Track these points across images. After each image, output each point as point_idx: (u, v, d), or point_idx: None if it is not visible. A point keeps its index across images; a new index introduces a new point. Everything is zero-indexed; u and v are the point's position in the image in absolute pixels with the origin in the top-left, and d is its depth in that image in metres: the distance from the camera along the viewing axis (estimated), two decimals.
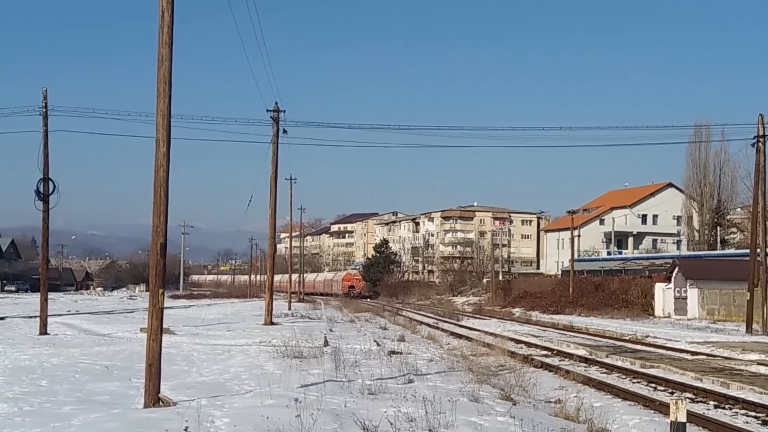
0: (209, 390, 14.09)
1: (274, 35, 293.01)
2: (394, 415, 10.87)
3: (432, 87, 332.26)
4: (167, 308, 15.43)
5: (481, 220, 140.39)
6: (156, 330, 12.54)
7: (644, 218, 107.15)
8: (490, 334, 34.05)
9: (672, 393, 16.77)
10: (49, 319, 30.74)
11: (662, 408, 13.72)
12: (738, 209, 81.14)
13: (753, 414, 14.11)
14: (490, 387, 15.33)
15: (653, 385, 18.27)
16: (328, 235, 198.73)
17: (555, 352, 26.77)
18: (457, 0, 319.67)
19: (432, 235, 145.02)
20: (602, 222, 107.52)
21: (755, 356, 24.42)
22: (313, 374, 16.35)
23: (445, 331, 37.48)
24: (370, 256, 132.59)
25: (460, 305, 79.49)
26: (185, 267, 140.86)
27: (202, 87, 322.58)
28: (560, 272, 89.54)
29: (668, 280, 54.44)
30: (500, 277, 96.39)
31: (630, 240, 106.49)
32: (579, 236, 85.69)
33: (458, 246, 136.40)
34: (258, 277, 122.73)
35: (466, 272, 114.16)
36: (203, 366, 18.72)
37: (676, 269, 54.17)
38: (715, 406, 15.07)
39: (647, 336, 33.92)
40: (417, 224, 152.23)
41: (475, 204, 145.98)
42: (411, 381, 15.66)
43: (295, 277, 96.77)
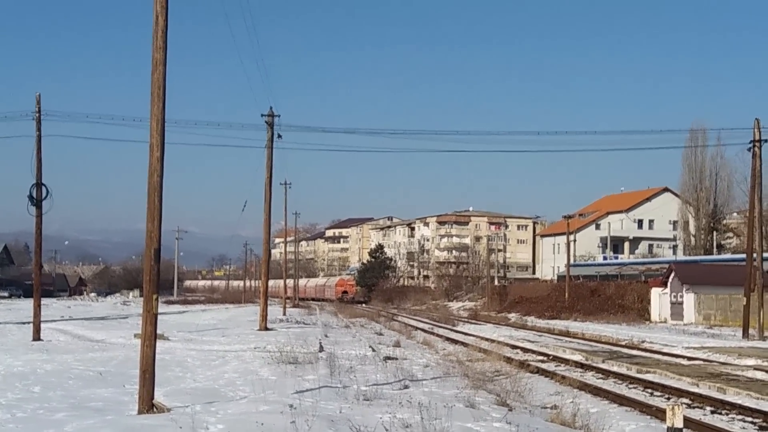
0: (204, 396, 14.07)
1: (269, 39, 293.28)
2: (390, 421, 10.87)
3: (428, 91, 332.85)
4: (161, 314, 15.40)
5: (477, 225, 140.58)
6: (150, 336, 12.53)
7: (640, 223, 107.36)
8: (486, 340, 34.04)
9: (668, 398, 16.78)
10: (43, 325, 30.67)
11: (659, 414, 13.72)
12: (734, 214, 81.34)
13: (750, 419, 14.12)
14: (486, 393, 15.32)
15: (649, 391, 18.27)
16: (323, 240, 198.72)
17: (551, 358, 26.75)
18: (453, 5, 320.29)
19: (427, 240, 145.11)
20: (598, 227, 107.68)
21: (752, 362, 24.44)
22: (308, 380, 16.33)
23: (441, 337, 37.44)
24: (366, 261, 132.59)
25: (456, 310, 79.45)
26: (179, 272, 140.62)
27: (197, 91, 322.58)
28: (556, 277, 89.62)
29: (664, 285, 54.52)
30: (496, 282, 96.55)
31: (626, 245, 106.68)
32: (575, 241, 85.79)
33: (454, 251, 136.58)
34: (252, 283, 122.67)
35: (462, 277, 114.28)
36: (197, 372, 18.69)
37: (673, 274, 54.26)
38: (712, 412, 15.07)
39: (643, 341, 33.93)
40: (412, 229, 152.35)
41: (471, 209, 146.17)
42: (407, 387, 15.66)
43: (290, 283, 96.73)
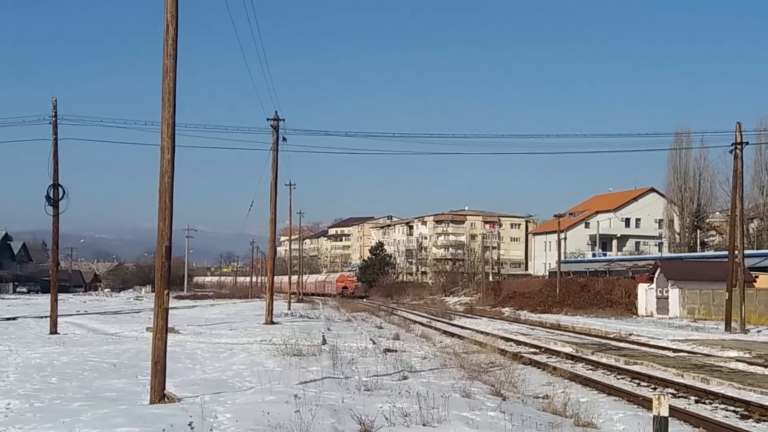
0: (212, 387, 14.06)
1: (275, 48, 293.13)
2: (390, 410, 10.87)
3: (426, 96, 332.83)
4: (172, 308, 15.41)
5: (472, 224, 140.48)
6: (161, 329, 12.53)
7: (627, 222, 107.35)
8: (481, 333, 34.01)
9: (655, 388, 16.79)
10: (59, 319, 30.68)
11: (645, 403, 13.73)
12: (717, 213, 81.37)
13: (732, 408, 14.13)
14: (481, 383, 15.32)
15: (637, 381, 18.27)
16: (326, 238, 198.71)
17: (543, 350, 26.76)
18: (448, 12, 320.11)
19: (425, 238, 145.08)
20: (587, 225, 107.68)
21: (734, 353, 24.46)
22: (312, 371, 16.32)
23: (438, 330, 37.44)
24: (366, 258, 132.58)
25: (452, 305, 79.46)
26: (189, 269, 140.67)
27: (205, 96, 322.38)
28: (548, 273, 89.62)
29: (651, 281, 54.53)
30: (490, 278, 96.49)
31: (614, 242, 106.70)
32: (565, 239, 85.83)
33: (450, 248, 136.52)
34: (259, 279, 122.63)
35: (458, 273, 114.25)
36: (206, 363, 18.69)
37: (658, 270, 54.26)
38: (696, 401, 15.08)
39: (631, 334, 33.94)
40: (411, 228, 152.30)
41: (466, 208, 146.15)
42: (405, 378, 15.65)
43: (295, 279, 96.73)
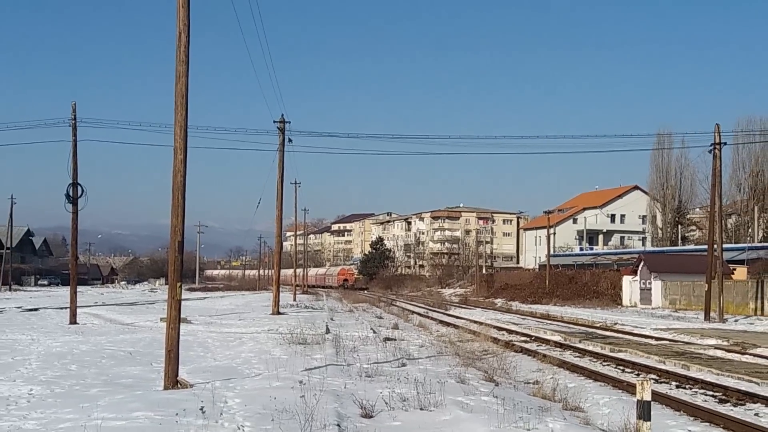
0: (222, 373, 14.08)
1: (281, 52, 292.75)
2: (389, 395, 10.89)
3: (422, 99, 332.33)
4: (184, 300, 15.43)
5: (467, 220, 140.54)
6: (174, 319, 12.54)
7: (613, 217, 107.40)
8: (475, 322, 34.02)
9: (638, 374, 16.78)
10: (78, 310, 30.70)
11: (629, 388, 13.73)
12: (697, 209, 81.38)
13: (711, 393, 14.14)
14: (475, 370, 15.32)
15: (621, 368, 18.27)
16: (330, 234, 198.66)
17: (533, 339, 26.74)
18: (444, 17, 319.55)
19: (422, 234, 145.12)
20: (575, 221, 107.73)
21: (712, 341, 24.48)
22: (316, 359, 16.34)
23: (435, 320, 37.42)
24: (367, 253, 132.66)
25: (448, 296, 79.47)
26: (200, 262, 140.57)
27: (216, 99, 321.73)
28: (538, 266, 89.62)
29: (634, 273, 54.55)
30: (484, 271, 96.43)
31: (600, 237, 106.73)
32: (554, 234, 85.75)
33: (446, 243, 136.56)
34: (266, 272, 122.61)
35: (453, 266, 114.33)
36: (217, 352, 18.71)
37: (642, 263, 54.29)
38: (677, 386, 15.09)
39: (616, 323, 33.95)
40: (409, 223, 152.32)
41: (461, 205, 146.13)
42: (404, 365, 15.66)
43: (300, 272, 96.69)
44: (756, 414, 12.00)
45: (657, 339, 26.00)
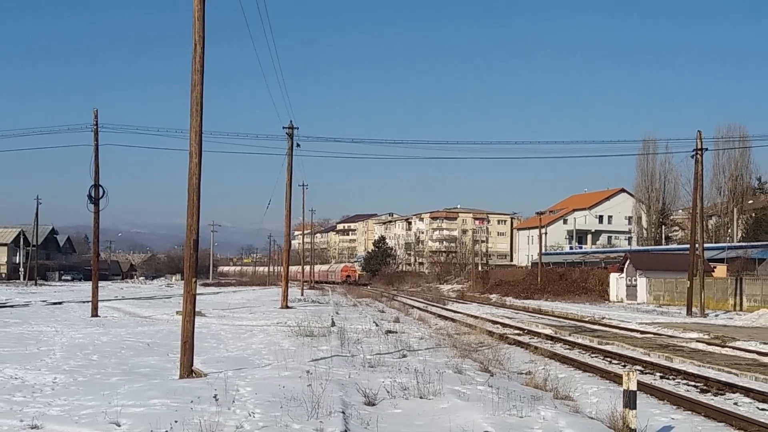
0: (234, 363, 14.08)
1: (289, 58, 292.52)
2: (391, 384, 10.88)
3: (422, 107, 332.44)
4: (199, 294, 15.44)
5: (464, 220, 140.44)
6: (190, 313, 12.54)
7: (601, 218, 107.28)
8: (471, 316, 34.00)
9: (624, 366, 16.75)
10: (99, 304, 30.72)
11: (616, 378, 13.71)
12: (680, 211, 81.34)
13: (693, 383, 14.12)
14: (472, 361, 15.31)
15: (608, 359, 18.25)
16: (335, 233, 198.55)
17: (526, 332, 26.71)
18: (442, 27, 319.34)
19: (422, 233, 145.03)
20: (565, 221, 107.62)
21: (694, 335, 24.45)
22: (322, 350, 16.33)
23: (433, 314, 37.39)
24: (370, 251, 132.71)
25: (446, 292, 79.42)
26: (214, 259, 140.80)
27: (228, 105, 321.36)
28: (530, 264, 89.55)
29: (621, 271, 54.53)
30: (479, 268, 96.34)
31: (589, 237, 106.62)
32: (546, 234, 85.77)
33: (444, 242, 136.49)
34: (275, 268, 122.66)
35: (451, 264, 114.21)
36: (229, 343, 18.71)
37: (628, 261, 54.27)
38: (661, 377, 15.07)
39: (603, 318, 33.91)
40: (409, 223, 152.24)
41: (459, 206, 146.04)
42: (404, 356, 15.65)
43: (307, 269, 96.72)
44: (735, 403, 11.98)
45: (642, 332, 25.97)
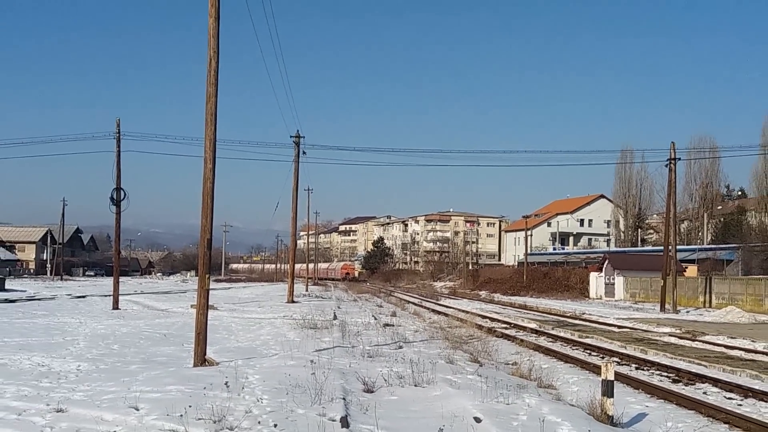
0: (244, 353, 14.07)
1: (296, 69, 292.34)
2: (388, 373, 10.87)
3: (420, 118, 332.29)
4: (212, 289, 15.45)
5: (456, 223, 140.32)
6: (203, 306, 12.54)
7: (582, 222, 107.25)
8: (462, 311, 33.97)
9: (603, 357, 16.75)
10: (120, 297, 30.72)
11: (595, 369, 13.71)
12: (654, 215, 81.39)
13: (665, 374, 14.12)
14: (462, 352, 15.30)
15: (588, 351, 18.24)
16: (337, 234, 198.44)
17: (512, 325, 26.70)
18: (434, 45, 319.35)
19: (417, 234, 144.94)
20: (549, 224, 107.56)
21: (667, 329, 24.46)
22: (325, 341, 16.33)
23: (427, 309, 37.35)
24: (370, 250, 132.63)
25: (439, 289, 79.32)
26: (226, 257, 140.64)
27: (239, 115, 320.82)
28: (517, 263, 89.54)
29: (600, 270, 54.51)
30: (470, 267, 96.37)
31: (571, 239, 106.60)
32: (531, 235, 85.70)
33: (438, 242, 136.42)
34: (282, 266, 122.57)
35: (444, 263, 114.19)
36: (239, 334, 18.70)
37: (607, 261, 54.26)
38: (636, 368, 15.07)
39: (584, 313, 33.91)
40: (406, 225, 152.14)
41: (451, 210, 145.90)
42: (401, 347, 15.65)
43: (311, 266, 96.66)
44: (704, 392, 11.98)
45: (619, 327, 25.97)
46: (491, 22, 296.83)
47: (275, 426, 7.55)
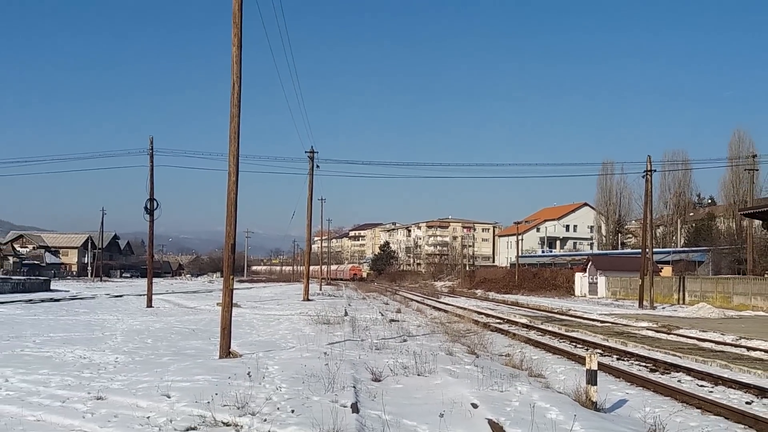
0: (265, 346, 14.07)
1: (310, 87, 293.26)
2: (393, 364, 10.86)
3: (425, 135, 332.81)
4: (235, 289, 15.46)
5: (454, 228, 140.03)
6: (228, 304, 12.55)
7: (568, 227, 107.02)
8: (460, 308, 33.91)
9: (587, 349, 16.68)
10: (153, 297, 30.78)
11: (580, 360, 13.66)
12: (633, 221, 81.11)
13: (643, 364, 14.06)
14: (460, 345, 15.28)
15: (574, 344, 18.17)
16: (348, 239, 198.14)
17: (505, 321, 26.60)
18: (433, 67, 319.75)
19: (420, 239, 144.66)
20: (538, 230, 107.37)
21: (645, 324, 24.34)
22: (337, 335, 16.32)
23: (429, 306, 37.29)
24: (377, 253, 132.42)
25: (439, 288, 79.16)
26: (248, 260, 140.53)
27: (258, 132, 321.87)
28: (509, 265, 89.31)
29: (584, 271, 54.31)
30: (467, 268, 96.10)
31: (558, 242, 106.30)
32: (522, 240, 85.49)
33: (438, 246, 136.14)
34: (298, 268, 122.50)
35: (444, 265, 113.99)
36: (260, 329, 18.70)
37: (590, 263, 54.06)
38: (617, 359, 15.01)
39: (570, 309, 33.78)
40: (409, 231, 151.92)
41: (450, 217, 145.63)
42: (405, 340, 15.63)
43: (324, 268, 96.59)
44: (679, 381, 11.92)
45: (602, 322, 25.86)
46: (489, 49, 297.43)
47: (293, 411, 7.55)
